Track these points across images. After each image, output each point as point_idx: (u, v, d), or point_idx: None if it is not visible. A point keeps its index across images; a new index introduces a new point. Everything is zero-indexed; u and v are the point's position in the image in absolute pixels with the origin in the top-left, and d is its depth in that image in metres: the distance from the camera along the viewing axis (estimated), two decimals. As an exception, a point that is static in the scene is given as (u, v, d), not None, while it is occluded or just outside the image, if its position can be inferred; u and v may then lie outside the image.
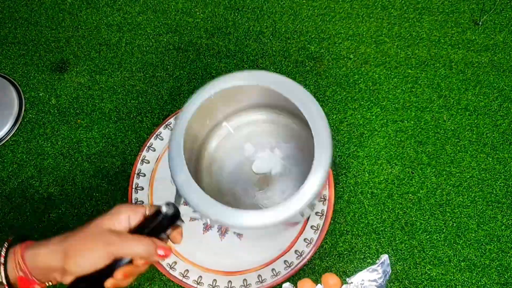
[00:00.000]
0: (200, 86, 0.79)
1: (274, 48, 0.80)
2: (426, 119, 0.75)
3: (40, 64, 0.82)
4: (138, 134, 0.76)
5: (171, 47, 0.82)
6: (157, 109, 0.78)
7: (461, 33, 0.79)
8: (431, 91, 0.76)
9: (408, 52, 0.79)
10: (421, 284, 0.67)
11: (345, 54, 0.79)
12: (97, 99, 0.79)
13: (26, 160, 0.76)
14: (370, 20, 0.81)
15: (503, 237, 0.68)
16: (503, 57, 0.78)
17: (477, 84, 0.76)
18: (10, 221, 0.73)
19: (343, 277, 0.68)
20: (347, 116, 0.75)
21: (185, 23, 0.83)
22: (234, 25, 0.82)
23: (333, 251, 0.69)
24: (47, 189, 0.74)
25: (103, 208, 0.73)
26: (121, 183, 0.74)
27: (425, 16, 0.81)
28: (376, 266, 0.41)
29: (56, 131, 0.78)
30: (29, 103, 0.80)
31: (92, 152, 0.76)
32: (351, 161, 0.73)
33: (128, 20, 0.84)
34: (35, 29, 0.84)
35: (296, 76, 0.78)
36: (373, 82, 0.77)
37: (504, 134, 0.73)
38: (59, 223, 0.73)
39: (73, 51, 0.82)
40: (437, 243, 0.68)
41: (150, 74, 0.80)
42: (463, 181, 0.71)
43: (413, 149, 0.73)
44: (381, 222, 0.70)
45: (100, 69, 0.81)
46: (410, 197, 0.71)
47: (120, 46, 0.82)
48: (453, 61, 0.78)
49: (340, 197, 0.71)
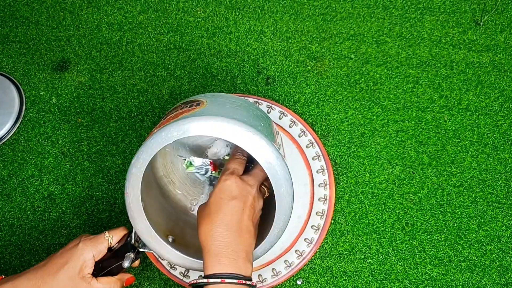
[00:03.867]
0: (200, 85, 0.79)
1: (275, 47, 0.80)
2: (427, 119, 0.75)
3: (41, 63, 0.82)
4: (139, 133, 0.76)
5: (172, 46, 0.82)
6: (157, 108, 0.78)
7: (462, 33, 0.79)
8: (432, 91, 0.76)
9: (409, 52, 0.78)
10: (421, 284, 0.67)
11: (346, 53, 0.79)
12: (98, 98, 0.79)
13: (26, 159, 0.76)
14: (371, 20, 0.81)
15: (503, 237, 0.68)
16: (504, 57, 0.78)
17: (478, 84, 0.76)
18: (11, 220, 0.73)
19: (343, 277, 0.68)
20: (348, 116, 0.75)
21: (186, 22, 0.83)
22: (235, 24, 0.82)
23: (333, 251, 0.69)
24: (48, 188, 0.74)
25: (103, 208, 0.73)
26: (122, 182, 0.74)
27: (426, 16, 0.81)
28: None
29: (56, 130, 0.78)
30: (30, 102, 0.80)
31: (93, 151, 0.76)
32: (352, 161, 0.73)
33: (129, 19, 0.84)
34: (36, 28, 0.84)
35: (297, 76, 0.78)
36: (374, 82, 0.77)
37: (505, 135, 0.73)
38: (60, 222, 0.73)
39: (74, 50, 0.82)
40: (437, 243, 0.68)
41: (151, 73, 0.80)
42: (464, 182, 0.71)
43: (414, 149, 0.73)
44: (381, 222, 0.70)
45: (101, 68, 0.81)
46: (410, 197, 0.71)
47: (121, 45, 0.82)
48: (454, 61, 0.78)
49: (340, 197, 0.71)
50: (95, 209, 0.73)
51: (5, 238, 0.73)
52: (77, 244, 0.54)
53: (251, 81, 0.78)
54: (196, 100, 0.55)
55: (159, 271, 0.69)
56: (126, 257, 0.55)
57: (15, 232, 0.73)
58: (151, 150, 0.51)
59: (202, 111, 0.51)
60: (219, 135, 0.49)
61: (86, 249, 0.54)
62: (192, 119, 0.50)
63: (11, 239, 0.72)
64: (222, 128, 0.49)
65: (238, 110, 0.53)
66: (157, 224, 0.56)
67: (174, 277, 0.66)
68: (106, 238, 0.56)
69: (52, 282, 0.51)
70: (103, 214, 0.73)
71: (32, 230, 0.73)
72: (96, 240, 0.55)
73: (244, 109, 0.54)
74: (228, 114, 0.51)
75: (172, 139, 0.50)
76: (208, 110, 0.52)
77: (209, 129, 0.49)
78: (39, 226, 0.73)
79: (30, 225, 0.73)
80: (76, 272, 0.52)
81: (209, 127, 0.49)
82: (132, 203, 0.53)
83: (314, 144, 0.70)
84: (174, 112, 0.55)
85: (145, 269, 0.70)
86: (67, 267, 0.52)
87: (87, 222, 0.72)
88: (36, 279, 0.51)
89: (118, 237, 0.57)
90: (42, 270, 0.52)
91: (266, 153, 0.49)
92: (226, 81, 0.79)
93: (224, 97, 0.56)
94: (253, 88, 0.78)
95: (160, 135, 0.50)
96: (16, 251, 0.72)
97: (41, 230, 0.72)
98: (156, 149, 0.51)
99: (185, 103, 0.56)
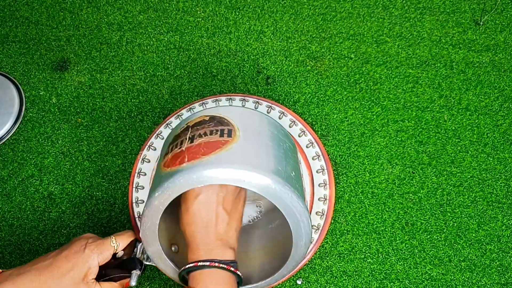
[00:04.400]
0: (200, 85, 0.79)
1: (275, 47, 0.80)
2: (427, 119, 0.75)
3: (41, 63, 0.82)
4: (139, 133, 0.76)
5: (171, 46, 0.82)
6: (157, 108, 0.78)
7: (462, 33, 0.79)
8: (432, 91, 0.76)
9: (409, 52, 0.79)
10: (421, 284, 0.67)
11: (346, 53, 0.79)
12: (98, 98, 0.79)
13: (26, 159, 0.76)
14: (371, 20, 0.81)
15: (503, 237, 0.68)
16: (504, 57, 0.78)
17: (478, 84, 0.76)
18: (10, 220, 0.73)
19: (343, 276, 0.68)
20: (348, 116, 0.75)
21: (186, 22, 0.83)
22: (235, 24, 0.82)
23: (333, 251, 0.69)
24: (48, 188, 0.74)
25: (103, 208, 0.73)
26: (122, 182, 0.74)
27: (426, 16, 0.81)
28: None
29: (56, 130, 0.78)
30: (30, 102, 0.80)
31: (93, 151, 0.76)
32: (351, 161, 0.73)
33: (129, 19, 0.84)
34: (36, 28, 0.84)
35: (297, 75, 0.78)
36: (374, 81, 0.77)
37: (505, 134, 0.73)
38: (60, 222, 0.73)
39: (74, 50, 0.82)
40: (437, 243, 0.68)
41: (150, 73, 0.80)
42: (464, 181, 0.71)
43: (413, 149, 0.73)
44: (381, 222, 0.70)
45: (100, 68, 0.81)
46: (410, 197, 0.71)
47: (120, 45, 0.82)
48: (454, 61, 0.78)
49: (340, 197, 0.71)
50: (95, 209, 0.73)
51: (5, 238, 0.72)
52: (83, 250, 0.54)
53: (251, 81, 0.78)
54: (226, 122, 0.51)
55: (159, 271, 0.69)
56: (133, 274, 0.55)
57: (15, 232, 0.73)
58: (179, 188, 0.47)
59: (236, 149, 0.48)
60: (253, 189, 0.47)
61: (92, 256, 0.53)
62: (228, 165, 0.46)
63: (11, 239, 0.72)
64: (258, 183, 0.46)
65: (272, 149, 0.50)
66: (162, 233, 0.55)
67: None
68: (112, 245, 0.55)
69: (55, 286, 0.51)
70: (103, 214, 0.73)
71: (32, 230, 0.73)
72: (102, 246, 0.55)
73: (277, 144, 0.52)
74: (263, 159, 0.48)
75: (202, 183, 0.46)
76: (242, 149, 0.48)
77: (245, 182, 0.46)
78: (39, 226, 0.73)
79: (30, 225, 0.73)
80: (80, 278, 0.52)
81: (245, 179, 0.46)
82: (148, 230, 0.52)
83: (314, 144, 0.70)
84: (202, 134, 0.50)
85: (145, 269, 0.70)
86: (73, 274, 0.52)
87: (87, 222, 0.72)
88: (39, 281, 0.51)
89: (124, 244, 0.57)
90: (45, 272, 0.52)
91: (295, 211, 0.48)
92: (226, 81, 0.79)
93: (254, 120, 0.53)
94: (253, 88, 0.78)
95: (191, 177, 0.46)
96: (16, 251, 0.72)
97: (41, 230, 0.72)
98: (184, 188, 0.47)
99: (214, 122, 0.51)
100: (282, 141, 0.53)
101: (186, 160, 0.48)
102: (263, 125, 0.53)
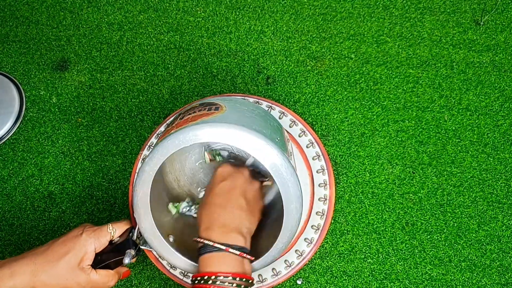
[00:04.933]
0: (200, 85, 0.79)
1: (275, 47, 0.80)
2: (427, 119, 0.75)
3: (41, 63, 0.82)
4: (139, 133, 0.76)
5: (172, 46, 0.82)
6: (158, 108, 0.78)
7: (463, 33, 0.79)
8: (432, 91, 0.76)
9: (409, 52, 0.78)
10: (421, 284, 0.67)
11: (346, 53, 0.79)
12: (98, 98, 0.79)
13: (26, 159, 0.76)
14: (372, 20, 0.81)
15: (503, 237, 0.68)
16: (504, 57, 0.78)
17: (478, 84, 0.76)
18: (11, 219, 0.73)
19: (343, 276, 0.68)
20: (348, 116, 0.75)
21: (186, 22, 0.83)
22: (235, 24, 0.82)
23: (333, 251, 0.69)
24: (48, 187, 0.74)
25: (103, 207, 0.73)
26: (122, 182, 0.74)
27: (426, 16, 0.81)
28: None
29: (56, 130, 0.78)
30: (30, 102, 0.80)
31: (93, 150, 0.76)
32: (352, 161, 0.73)
33: (129, 19, 0.84)
34: (36, 28, 0.84)
35: (297, 75, 0.78)
36: (374, 81, 0.77)
37: (505, 134, 0.73)
38: (60, 222, 0.73)
39: (74, 50, 0.82)
40: (437, 243, 0.68)
41: (151, 73, 0.80)
42: (464, 181, 0.71)
43: (414, 149, 0.73)
44: (381, 222, 0.70)
45: (101, 67, 0.81)
46: (411, 197, 0.71)
47: (121, 45, 0.82)
48: (455, 61, 0.78)
49: (340, 197, 0.71)
50: (95, 209, 0.73)
51: (5, 238, 0.73)
52: (80, 235, 0.54)
53: (251, 80, 0.78)
54: (214, 103, 0.55)
55: (159, 271, 0.69)
56: (127, 253, 0.55)
57: (15, 232, 0.73)
58: (167, 150, 0.50)
59: (221, 117, 0.51)
60: (238, 144, 0.49)
61: (88, 241, 0.54)
62: (212, 124, 0.49)
63: (11, 238, 0.72)
64: (242, 138, 0.49)
65: (257, 120, 0.53)
66: (160, 223, 0.56)
67: (174, 277, 0.66)
68: (109, 231, 0.56)
69: (51, 270, 0.51)
70: (103, 213, 0.73)
71: (32, 229, 0.73)
72: (99, 232, 0.55)
73: (262, 118, 0.54)
74: (247, 123, 0.50)
75: (189, 142, 0.49)
76: (227, 116, 0.51)
77: (229, 137, 0.49)
78: (39, 225, 0.73)
79: (30, 224, 0.73)
80: (76, 263, 0.52)
81: (228, 135, 0.49)
82: (140, 201, 0.53)
83: (314, 144, 0.70)
84: (191, 113, 0.54)
85: (145, 269, 0.70)
86: (68, 257, 0.52)
87: (87, 222, 0.72)
88: (35, 265, 0.51)
89: (121, 231, 0.58)
90: (42, 256, 0.52)
91: (281, 168, 0.49)
92: (226, 81, 0.79)
93: (242, 103, 0.56)
94: (253, 88, 0.78)
95: (178, 137, 0.49)
96: (16, 250, 0.72)
97: (41, 230, 0.72)
98: (172, 150, 0.50)
99: (203, 105, 0.55)
100: (269, 120, 0.56)
101: (173, 129, 0.51)
102: (250, 106, 0.56)
